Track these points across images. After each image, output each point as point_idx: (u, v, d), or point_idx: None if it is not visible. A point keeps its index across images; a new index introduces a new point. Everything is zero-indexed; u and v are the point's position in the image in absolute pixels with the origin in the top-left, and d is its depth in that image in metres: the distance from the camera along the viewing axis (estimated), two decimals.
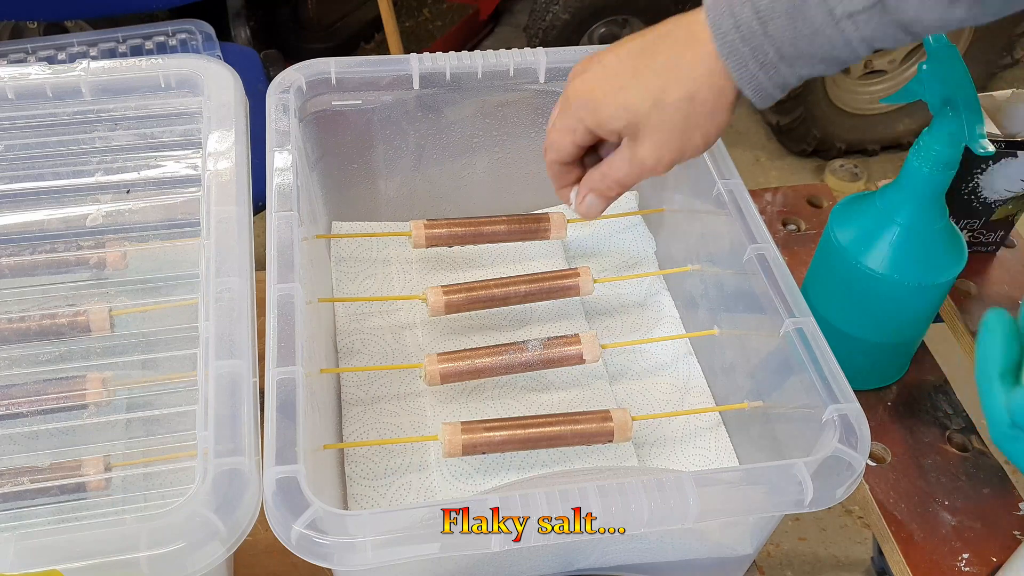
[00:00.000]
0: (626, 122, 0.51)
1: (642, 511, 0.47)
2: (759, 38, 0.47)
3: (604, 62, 0.52)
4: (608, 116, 0.52)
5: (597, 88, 0.52)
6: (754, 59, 0.48)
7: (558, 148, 0.55)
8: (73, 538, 0.43)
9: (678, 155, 0.52)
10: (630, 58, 0.51)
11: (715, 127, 0.51)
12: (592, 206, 0.57)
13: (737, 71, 0.49)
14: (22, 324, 0.59)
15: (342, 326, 0.73)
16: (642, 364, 0.73)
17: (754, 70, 0.48)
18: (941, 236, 0.65)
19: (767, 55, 0.48)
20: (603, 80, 0.52)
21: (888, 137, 1.99)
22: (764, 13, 0.47)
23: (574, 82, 0.53)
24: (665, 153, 0.52)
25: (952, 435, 0.72)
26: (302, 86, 0.68)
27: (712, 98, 0.50)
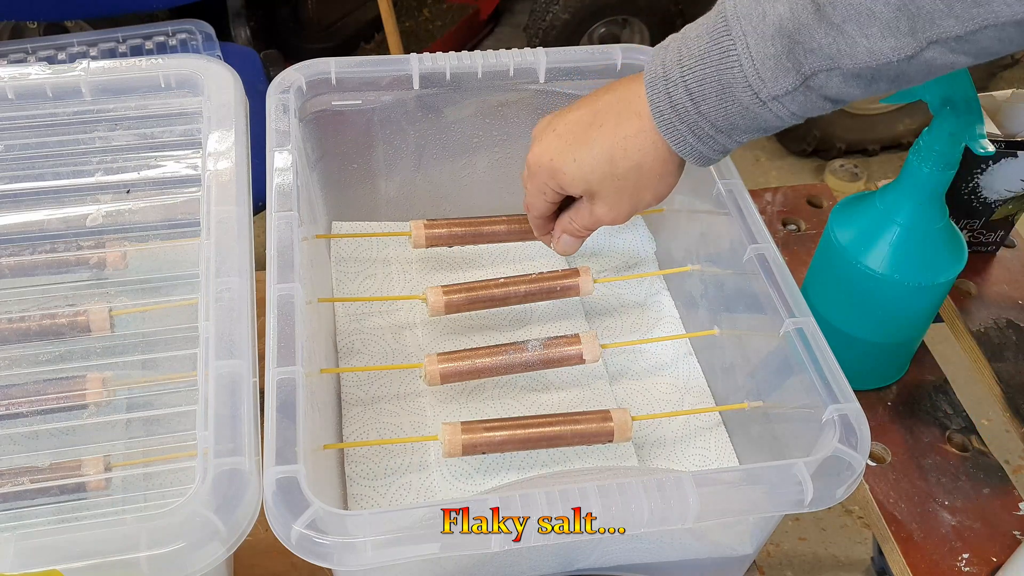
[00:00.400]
0: (583, 189, 0.57)
1: (642, 511, 0.47)
2: (693, 116, 0.51)
3: (558, 131, 0.57)
4: (567, 183, 0.57)
5: (555, 157, 0.56)
6: (692, 134, 0.52)
7: (535, 208, 0.61)
8: (73, 538, 0.43)
9: (631, 211, 0.58)
10: (581, 128, 0.55)
11: (665, 187, 0.56)
12: (568, 244, 0.63)
13: (677, 145, 0.53)
14: (22, 324, 0.59)
15: (342, 326, 0.73)
16: (642, 364, 0.73)
17: (693, 142, 0.52)
18: (941, 236, 0.65)
19: (703, 129, 0.51)
20: (559, 150, 0.56)
21: (888, 137, 2.00)
22: (696, 94, 0.50)
23: (534, 149, 0.58)
24: (619, 211, 0.57)
25: (952, 435, 0.72)
26: (302, 86, 0.68)
27: (658, 166, 0.54)
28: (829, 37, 0.44)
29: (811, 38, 0.45)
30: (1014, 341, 0.78)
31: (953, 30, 0.41)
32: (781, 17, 0.45)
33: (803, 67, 0.46)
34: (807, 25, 0.44)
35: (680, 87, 0.50)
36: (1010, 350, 0.77)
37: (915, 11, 0.41)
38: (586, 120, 0.55)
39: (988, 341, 0.78)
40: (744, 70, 0.47)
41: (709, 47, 0.49)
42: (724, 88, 0.49)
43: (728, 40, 0.48)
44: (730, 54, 0.48)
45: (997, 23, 0.40)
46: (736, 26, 0.47)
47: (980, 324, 0.80)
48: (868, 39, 0.43)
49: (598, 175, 0.55)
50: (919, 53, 0.43)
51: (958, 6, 0.40)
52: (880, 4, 0.42)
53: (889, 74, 0.45)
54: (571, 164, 0.55)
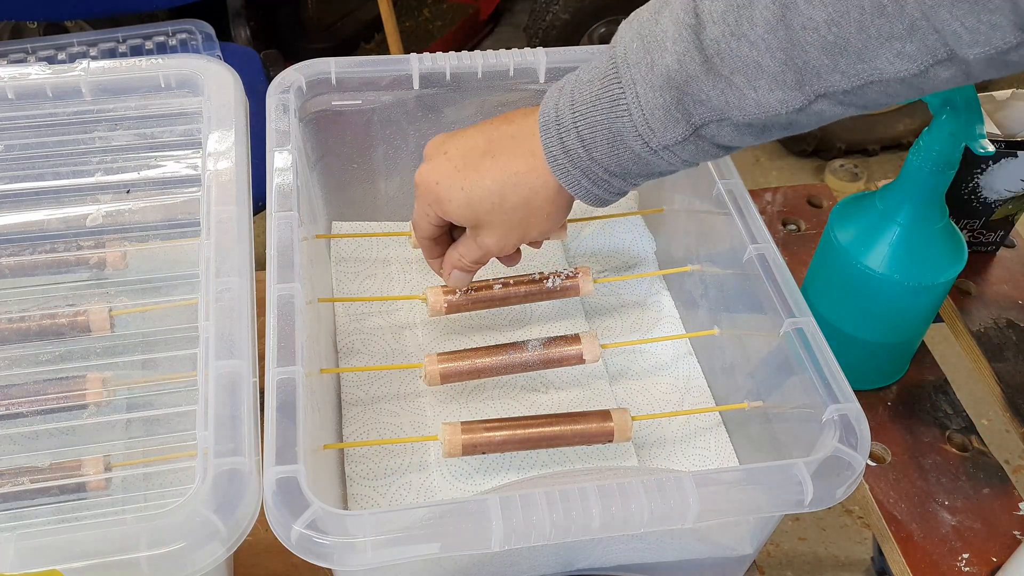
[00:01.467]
0: (468, 219, 0.55)
1: (642, 511, 0.47)
2: (586, 162, 0.50)
3: (449, 154, 0.55)
4: (451, 211, 0.55)
5: (442, 183, 0.55)
6: (585, 177, 0.51)
7: (420, 228, 0.59)
8: (73, 538, 0.43)
9: (519, 242, 0.57)
10: (474, 156, 0.54)
11: (553, 223, 0.55)
12: (458, 279, 0.61)
13: (571, 187, 0.52)
14: (22, 324, 0.59)
15: (342, 326, 0.73)
16: (642, 364, 0.73)
17: (588, 186, 0.52)
18: (941, 236, 0.65)
19: (597, 174, 0.51)
20: (446, 175, 0.54)
21: (888, 137, 2.00)
22: (587, 141, 0.49)
23: (423, 168, 0.56)
24: (506, 243, 0.56)
25: (952, 435, 0.72)
26: (302, 86, 0.68)
27: (547, 205, 0.53)
28: (717, 89, 0.44)
29: (699, 90, 0.44)
30: (1014, 341, 0.78)
31: (840, 84, 0.41)
32: (669, 68, 0.45)
33: (693, 118, 0.46)
34: (695, 77, 0.44)
35: (572, 133, 0.50)
36: (1010, 350, 0.77)
37: (801, 65, 0.41)
38: (480, 148, 0.54)
39: (988, 341, 0.78)
40: (634, 119, 0.47)
41: (600, 93, 0.48)
42: (615, 136, 0.48)
43: (618, 88, 0.47)
44: (619, 103, 0.47)
45: (881, 79, 0.40)
46: (626, 73, 0.47)
47: (980, 324, 0.80)
48: (756, 91, 0.43)
49: (486, 207, 0.54)
50: (807, 106, 0.43)
51: (843, 62, 0.40)
52: (767, 58, 0.42)
53: (780, 123, 0.45)
54: (458, 192, 0.54)
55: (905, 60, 0.39)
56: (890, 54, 0.39)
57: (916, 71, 0.39)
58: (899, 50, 0.39)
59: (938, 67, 0.39)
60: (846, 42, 0.40)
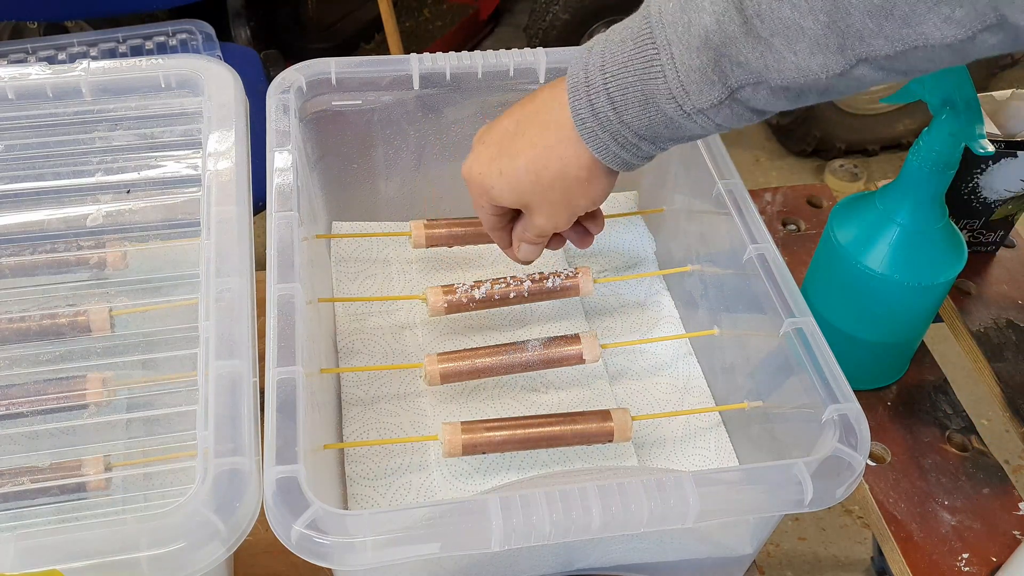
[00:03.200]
0: (514, 201, 0.55)
1: (642, 511, 0.47)
2: (615, 125, 0.49)
3: (486, 141, 0.55)
4: (498, 196, 0.55)
5: (484, 171, 0.55)
6: (614, 142, 0.50)
7: (483, 220, 0.60)
8: (73, 538, 0.43)
9: (569, 217, 0.56)
10: (506, 139, 0.54)
11: (596, 192, 0.54)
12: (527, 253, 0.61)
13: (599, 152, 0.51)
14: (22, 324, 0.59)
15: (342, 326, 0.73)
16: (642, 364, 0.73)
17: (616, 150, 0.51)
18: (941, 236, 0.65)
19: (626, 138, 0.50)
20: (486, 163, 0.55)
21: (888, 137, 2.00)
22: (618, 103, 0.48)
23: (467, 160, 0.57)
24: (557, 219, 0.56)
25: (952, 435, 0.72)
26: (302, 86, 0.68)
27: (583, 174, 0.52)
28: (756, 52, 0.43)
29: (738, 52, 0.43)
30: (1014, 341, 0.78)
31: (883, 49, 0.40)
32: (707, 28, 0.43)
33: (729, 80, 0.44)
34: (734, 38, 0.43)
35: (602, 95, 0.48)
36: (1010, 350, 0.77)
37: (844, 29, 0.40)
38: (510, 131, 0.54)
39: (988, 341, 0.78)
40: (668, 82, 0.46)
41: (632, 54, 0.47)
42: (647, 98, 0.47)
43: (652, 48, 0.46)
44: (654, 64, 0.46)
45: (927, 45, 0.39)
46: (660, 34, 0.45)
47: (980, 324, 0.80)
48: (796, 55, 0.42)
49: (525, 187, 0.53)
50: (848, 71, 0.42)
51: (888, 26, 0.39)
52: (809, 20, 0.40)
53: (818, 88, 0.44)
54: (497, 177, 0.54)
55: (953, 25, 0.38)
56: (938, 19, 0.38)
57: (964, 37, 0.38)
58: (947, 15, 0.38)
59: (987, 33, 0.38)
60: (892, 5, 0.38)
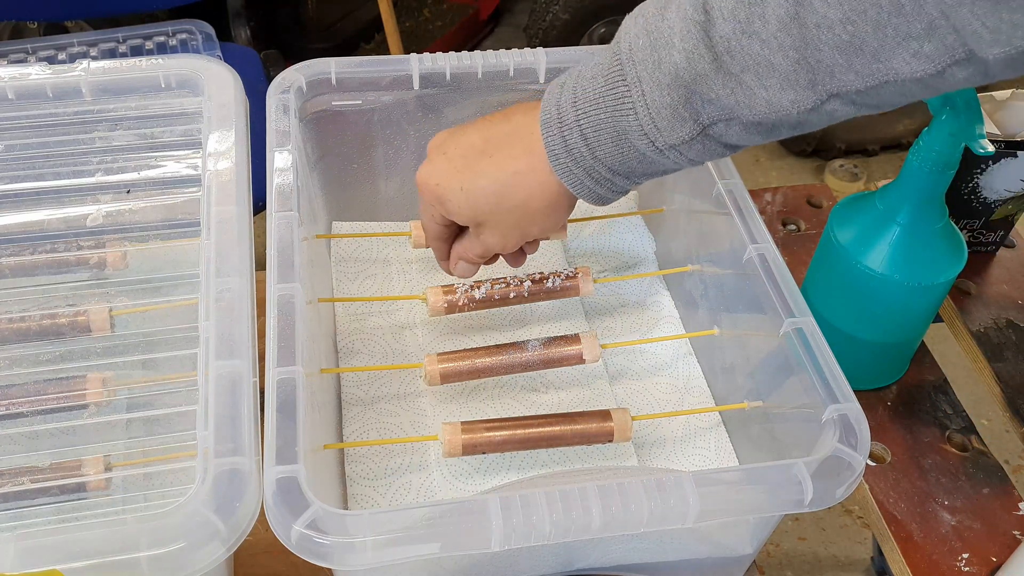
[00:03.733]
0: (469, 219, 0.55)
1: (642, 511, 0.47)
2: (589, 161, 0.49)
3: (449, 154, 0.54)
4: (453, 211, 0.55)
5: (442, 183, 0.54)
6: (588, 177, 0.50)
7: (428, 229, 0.59)
8: (73, 538, 0.43)
9: (519, 241, 0.56)
10: (472, 155, 0.53)
11: (553, 222, 0.55)
12: (464, 270, 0.61)
13: (573, 187, 0.51)
14: (22, 324, 0.59)
15: (342, 326, 0.73)
16: (642, 364, 0.73)
17: (590, 185, 0.51)
18: (941, 236, 0.65)
19: (600, 173, 0.50)
20: (447, 175, 0.54)
21: (888, 137, 1.99)
22: (591, 140, 0.49)
23: (423, 167, 0.56)
24: (507, 241, 0.56)
25: (952, 435, 0.72)
26: (302, 86, 0.68)
27: (545, 205, 0.53)
28: (727, 88, 0.43)
29: (708, 88, 0.43)
30: (1014, 341, 0.78)
31: (854, 84, 0.40)
32: (677, 66, 0.44)
33: (701, 117, 0.45)
34: (704, 75, 0.43)
35: (575, 131, 0.49)
36: (1010, 350, 0.77)
37: (815, 64, 0.40)
38: (477, 147, 0.53)
39: (988, 341, 0.78)
40: (639, 118, 0.46)
41: (604, 91, 0.47)
42: (620, 135, 0.47)
43: (623, 86, 0.46)
44: (624, 101, 0.46)
45: (897, 80, 0.39)
46: (631, 71, 0.46)
47: (980, 324, 0.80)
48: (767, 91, 0.42)
49: (484, 207, 0.53)
50: (820, 106, 0.42)
51: (857, 61, 0.39)
52: (779, 56, 0.41)
53: (790, 123, 0.44)
54: (457, 193, 0.54)
55: (922, 60, 0.38)
56: (907, 54, 0.38)
57: (933, 71, 0.39)
58: (916, 50, 0.38)
59: (956, 67, 0.38)
60: (862, 41, 0.39)
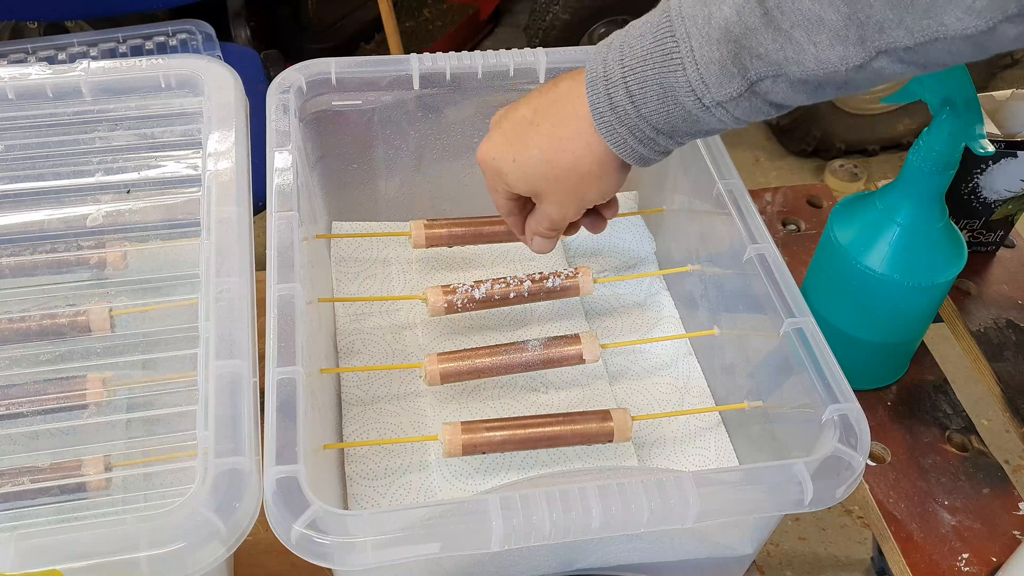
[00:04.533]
0: (526, 189, 0.56)
1: (642, 511, 0.47)
2: (634, 119, 0.49)
3: (503, 127, 0.55)
4: (512, 184, 0.56)
5: (498, 158, 0.55)
6: (632, 136, 0.50)
7: (497, 205, 0.60)
8: (73, 538, 0.43)
9: (579, 208, 0.56)
10: (522, 127, 0.54)
11: (607, 186, 0.55)
12: (540, 245, 0.61)
13: (616, 146, 0.51)
14: (22, 324, 0.59)
15: (342, 326, 0.73)
16: (642, 364, 0.73)
17: (633, 144, 0.51)
18: (941, 236, 0.65)
19: (644, 132, 0.50)
20: (501, 149, 0.55)
21: (888, 137, 1.99)
22: (637, 97, 0.48)
23: (483, 144, 0.57)
24: (567, 209, 0.56)
25: (952, 435, 0.72)
26: (302, 86, 0.68)
27: (596, 167, 0.53)
28: (777, 43, 0.43)
29: (758, 43, 0.43)
30: (1014, 341, 0.78)
31: (903, 41, 0.40)
32: (727, 20, 0.44)
33: (749, 73, 0.44)
34: (754, 30, 0.43)
35: (621, 88, 0.49)
36: (1010, 350, 0.77)
37: (864, 20, 0.40)
38: (527, 119, 0.54)
39: (988, 341, 0.78)
40: (687, 74, 0.46)
41: (651, 48, 0.47)
42: (666, 92, 0.47)
43: (671, 42, 0.46)
44: (673, 57, 0.46)
45: (947, 36, 0.39)
46: (680, 27, 0.46)
47: (980, 324, 0.80)
48: (816, 47, 0.42)
49: (538, 176, 0.54)
50: (868, 63, 0.42)
51: (908, 17, 0.39)
52: (830, 11, 0.41)
53: (836, 81, 0.44)
54: (511, 164, 0.54)
55: (974, 15, 0.38)
56: (959, 9, 0.38)
57: (984, 27, 0.38)
58: (969, 5, 0.37)
59: (1007, 24, 0.38)
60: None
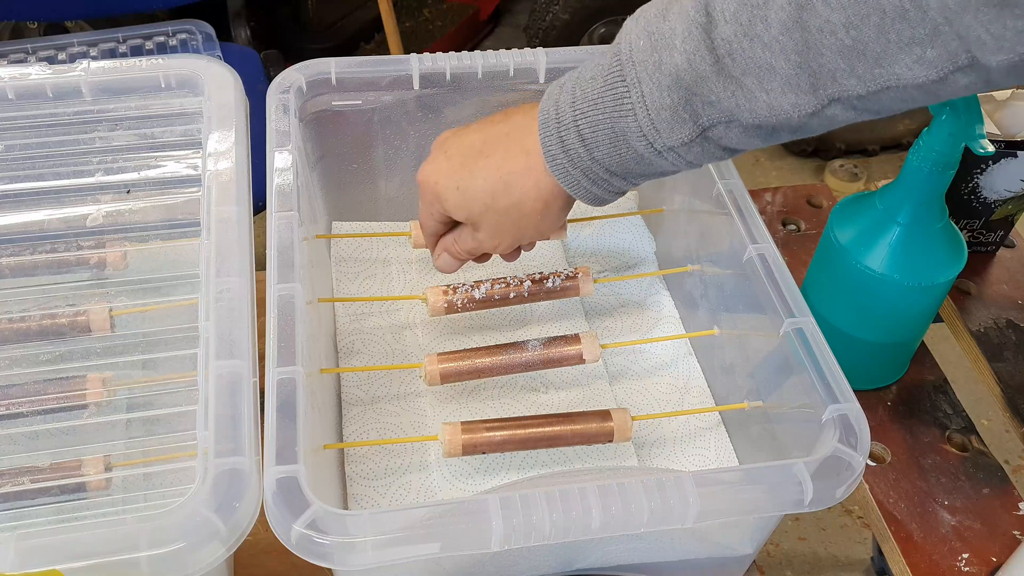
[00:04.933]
0: (464, 216, 0.55)
1: (642, 511, 0.47)
2: (586, 161, 0.49)
3: (449, 152, 0.55)
4: (450, 209, 0.55)
5: (440, 182, 0.55)
6: (585, 177, 0.50)
7: (426, 226, 0.59)
8: (73, 538, 0.43)
9: (513, 242, 0.57)
10: (469, 155, 0.54)
11: (548, 224, 0.55)
12: (446, 264, 0.61)
13: (570, 187, 0.51)
14: (22, 324, 0.59)
15: (342, 326, 0.73)
16: (642, 364, 0.73)
17: (587, 185, 0.51)
18: (941, 236, 0.65)
19: (597, 174, 0.50)
20: (445, 175, 0.55)
21: (888, 137, 1.99)
22: (588, 140, 0.48)
23: (425, 166, 0.56)
24: (500, 241, 0.56)
25: (952, 435, 0.72)
26: (302, 86, 0.68)
27: (539, 206, 0.53)
28: (728, 90, 0.43)
29: (709, 90, 0.43)
30: (1014, 341, 0.78)
31: (855, 89, 0.40)
32: (678, 67, 0.44)
33: (700, 119, 0.45)
34: (705, 77, 0.43)
35: (572, 131, 0.49)
36: (1010, 350, 0.77)
37: (816, 69, 0.40)
38: (476, 147, 0.54)
39: (988, 341, 0.78)
40: (639, 119, 0.46)
41: (603, 91, 0.47)
42: (618, 135, 0.47)
43: (622, 86, 0.46)
44: (624, 102, 0.46)
45: (899, 85, 0.39)
46: (631, 72, 0.46)
47: (980, 324, 0.80)
48: (768, 94, 0.42)
49: (479, 207, 0.54)
50: (820, 110, 0.42)
51: (860, 66, 0.39)
52: (781, 60, 0.41)
53: (790, 127, 0.44)
54: (453, 192, 0.54)
55: (925, 66, 0.38)
56: (909, 59, 0.38)
57: (936, 77, 0.38)
58: (919, 56, 0.38)
59: (958, 74, 0.38)
60: (864, 46, 0.39)
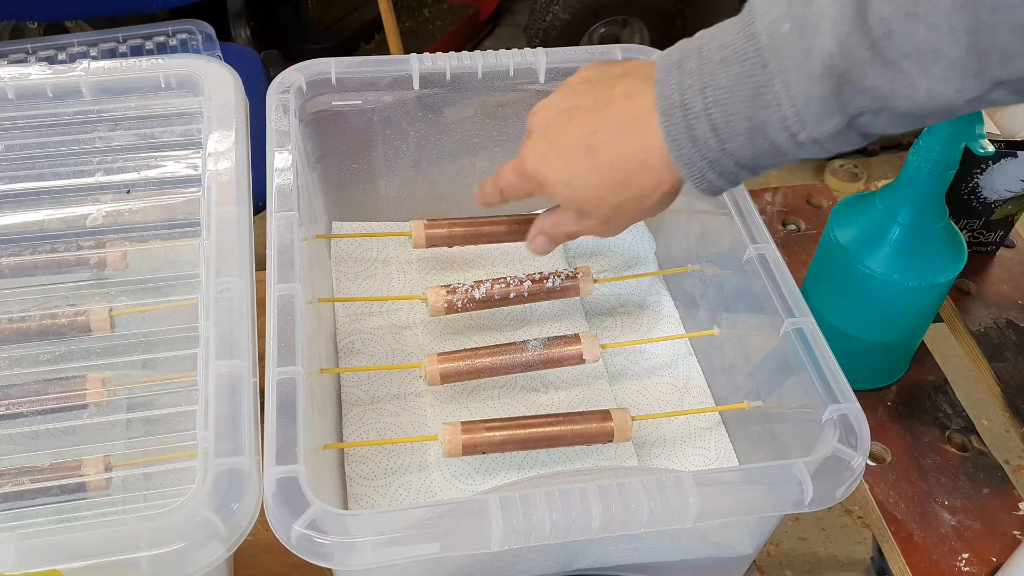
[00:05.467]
0: (575, 208, 0.54)
1: (642, 511, 0.47)
2: (716, 153, 0.46)
3: (554, 144, 0.52)
4: (555, 199, 0.54)
5: (549, 176, 0.53)
6: (712, 170, 0.47)
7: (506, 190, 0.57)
8: (73, 538, 0.43)
9: (622, 229, 0.55)
10: (579, 151, 0.51)
11: (659, 210, 0.53)
12: (543, 246, 0.59)
13: (694, 180, 0.48)
14: (22, 324, 0.59)
15: (342, 326, 0.73)
16: (642, 364, 0.73)
17: (712, 178, 0.48)
18: (941, 236, 0.65)
19: (726, 166, 0.47)
20: (553, 168, 0.52)
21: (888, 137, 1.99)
22: (721, 131, 0.45)
23: (527, 153, 0.53)
24: (610, 229, 0.55)
25: (952, 435, 0.72)
26: (302, 86, 0.68)
27: (657, 196, 0.51)
28: (884, 77, 0.39)
29: (863, 77, 0.40)
30: (1014, 341, 0.78)
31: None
32: (830, 54, 0.40)
33: (849, 108, 0.42)
34: (859, 63, 0.39)
35: (703, 121, 0.45)
36: (1010, 350, 0.77)
37: (986, 49, 0.37)
38: (584, 142, 0.50)
39: (988, 341, 0.78)
40: (782, 111, 0.43)
41: (739, 79, 0.43)
42: (756, 127, 0.44)
43: (763, 75, 0.43)
44: (766, 92, 0.43)
45: None
46: (773, 59, 0.42)
47: (980, 324, 0.80)
48: (929, 80, 0.39)
49: (592, 202, 0.52)
50: (984, 95, 0.39)
51: None
52: (948, 42, 0.37)
53: (944, 112, 0.41)
54: (564, 186, 0.52)
55: None
56: None
57: None
58: None
59: None
60: None
